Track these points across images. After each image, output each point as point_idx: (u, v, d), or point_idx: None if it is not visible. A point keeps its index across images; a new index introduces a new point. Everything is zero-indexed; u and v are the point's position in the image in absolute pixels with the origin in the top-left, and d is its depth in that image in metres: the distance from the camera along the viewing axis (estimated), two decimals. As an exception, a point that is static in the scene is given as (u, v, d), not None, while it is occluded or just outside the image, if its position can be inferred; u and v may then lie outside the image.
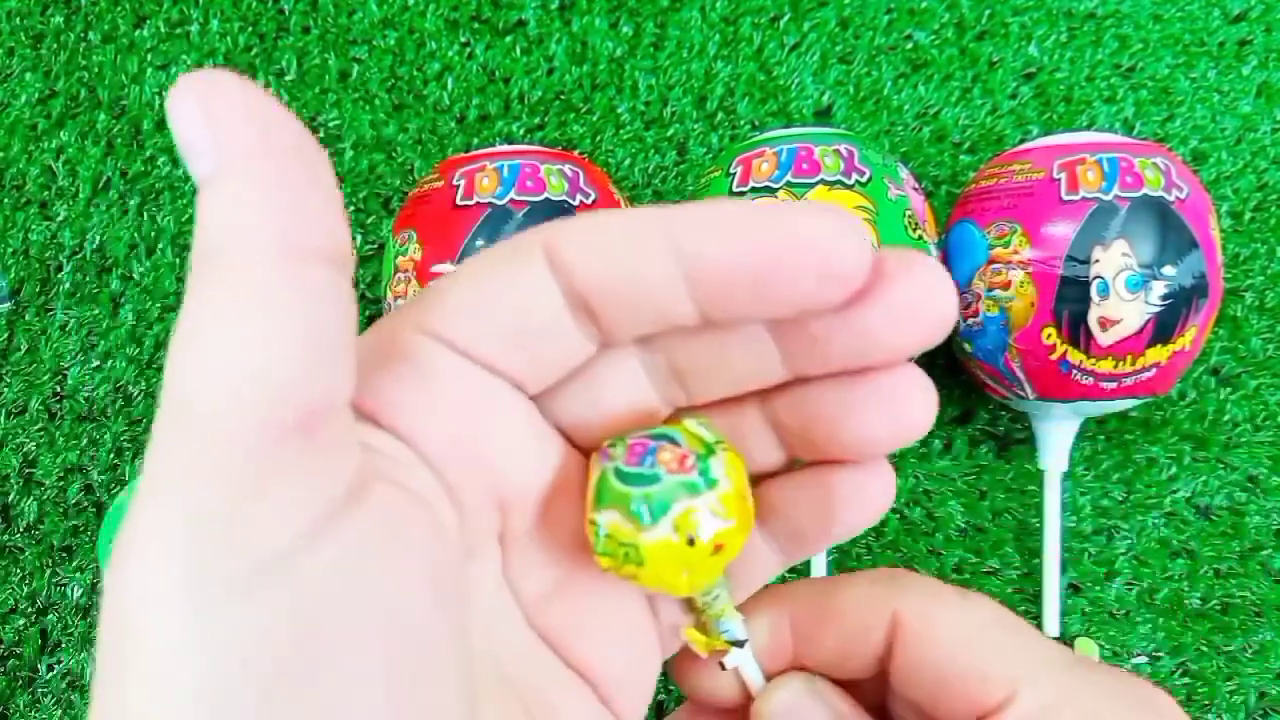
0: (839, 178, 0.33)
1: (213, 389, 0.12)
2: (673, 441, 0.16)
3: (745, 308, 0.15)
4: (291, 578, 0.12)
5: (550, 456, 0.17)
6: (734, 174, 0.34)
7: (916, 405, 0.16)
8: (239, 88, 0.13)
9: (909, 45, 0.44)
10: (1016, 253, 0.33)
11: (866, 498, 0.17)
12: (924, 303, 0.15)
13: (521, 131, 0.43)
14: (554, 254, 0.15)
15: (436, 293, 0.16)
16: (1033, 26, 0.44)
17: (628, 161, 0.43)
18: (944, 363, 0.40)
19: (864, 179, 0.33)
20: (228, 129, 0.12)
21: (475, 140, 0.43)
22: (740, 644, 0.19)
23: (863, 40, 0.44)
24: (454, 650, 0.14)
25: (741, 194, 0.34)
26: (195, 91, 0.12)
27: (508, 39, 0.44)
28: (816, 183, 0.33)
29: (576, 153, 0.43)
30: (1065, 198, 0.33)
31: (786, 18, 0.44)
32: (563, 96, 0.44)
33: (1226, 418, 0.40)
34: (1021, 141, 0.38)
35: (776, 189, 0.33)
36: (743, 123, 0.43)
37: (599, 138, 0.43)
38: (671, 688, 0.39)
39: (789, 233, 0.14)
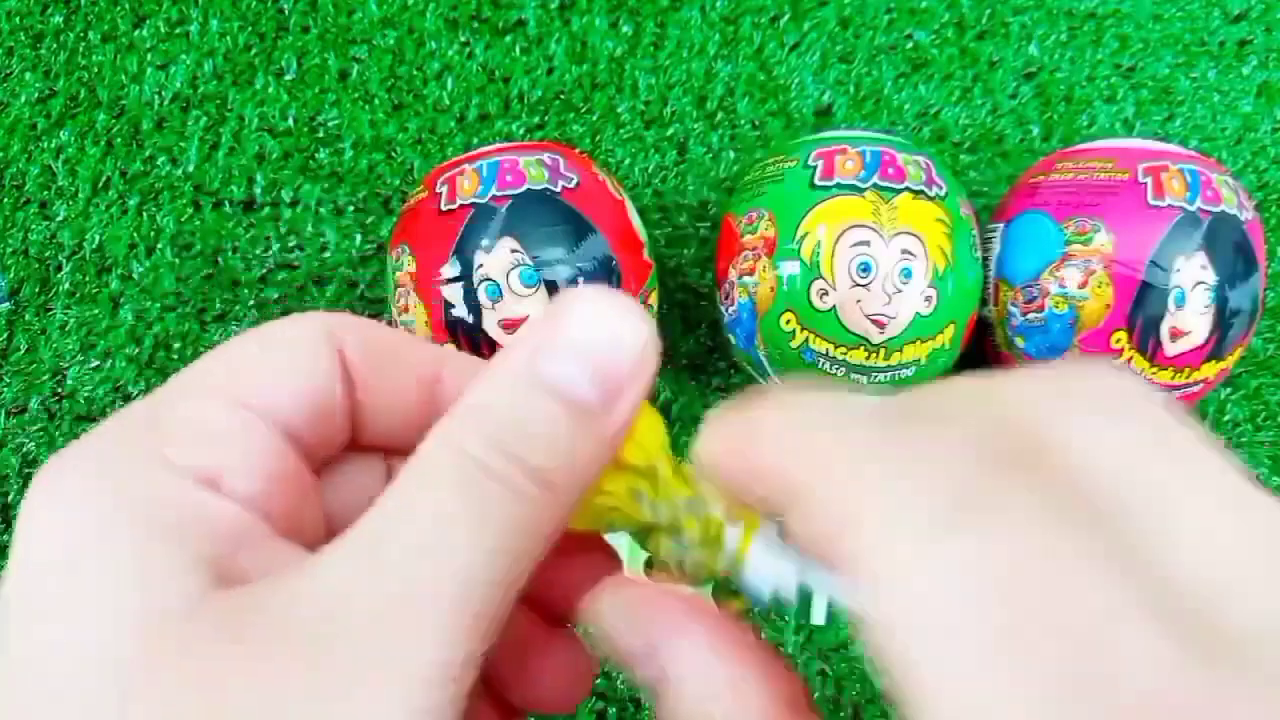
0: (922, 187, 0.33)
1: None
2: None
3: None
4: None
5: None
6: (814, 166, 0.34)
7: None
8: None
9: (909, 45, 0.44)
10: (1098, 251, 0.33)
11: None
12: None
13: (521, 131, 0.43)
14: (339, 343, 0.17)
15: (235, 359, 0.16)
16: (1033, 26, 0.44)
17: (628, 161, 0.43)
18: (974, 352, 0.39)
19: (942, 193, 0.33)
20: None
21: (475, 140, 0.43)
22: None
23: (863, 40, 0.44)
24: None
25: (826, 188, 0.33)
26: None
27: (507, 39, 0.44)
28: (903, 189, 0.33)
29: (576, 152, 0.43)
30: (1152, 203, 0.32)
31: (786, 17, 0.44)
32: (563, 96, 0.44)
33: (1226, 418, 0.40)
34: (1050, 139, 0.38)
35: (864, 189, 0.33)
36: (743, 122, 0.43)
37: (599, 137, 0.43)
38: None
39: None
